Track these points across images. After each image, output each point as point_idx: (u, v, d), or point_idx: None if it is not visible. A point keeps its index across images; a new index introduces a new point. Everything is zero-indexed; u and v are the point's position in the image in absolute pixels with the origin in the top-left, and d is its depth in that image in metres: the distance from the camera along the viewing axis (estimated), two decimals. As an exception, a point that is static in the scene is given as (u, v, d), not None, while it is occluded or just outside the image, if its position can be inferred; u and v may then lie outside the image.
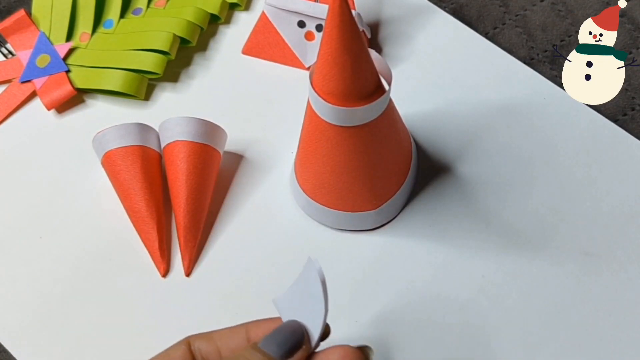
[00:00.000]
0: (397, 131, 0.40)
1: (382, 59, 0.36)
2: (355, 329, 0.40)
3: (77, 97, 0.49)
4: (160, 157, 0.45)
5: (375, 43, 0.50)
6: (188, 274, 0.43)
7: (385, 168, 0.40)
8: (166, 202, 0.44)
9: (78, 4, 0.51)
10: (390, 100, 0.38)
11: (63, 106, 0.49)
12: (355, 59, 0.33)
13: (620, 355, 0.40)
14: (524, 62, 0.49)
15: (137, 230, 0.43)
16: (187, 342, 0.30)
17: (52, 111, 0.49)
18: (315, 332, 0.28)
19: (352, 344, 0.29)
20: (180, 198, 0.42)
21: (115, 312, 0.42)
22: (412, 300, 0.41)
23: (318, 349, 0.29)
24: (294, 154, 0.44)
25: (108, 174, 0.44)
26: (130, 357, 0.40)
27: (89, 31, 0.50)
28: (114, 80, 0.47)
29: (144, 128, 0.44)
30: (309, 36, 0.48)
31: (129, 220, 0.43)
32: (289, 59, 0.49)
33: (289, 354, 0.27)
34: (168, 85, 0.50)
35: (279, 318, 0.30)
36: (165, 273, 0.43)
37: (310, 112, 0.37)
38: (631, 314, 0.41)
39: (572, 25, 0.50)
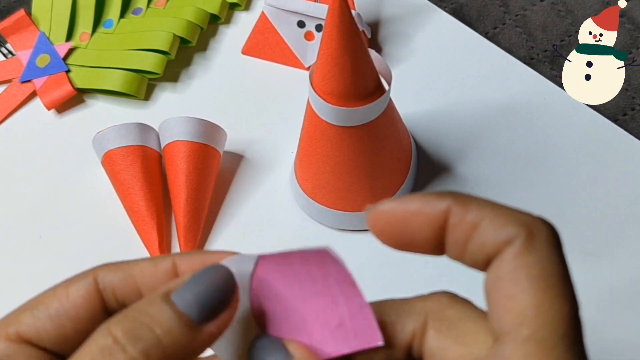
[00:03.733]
0: (397, 131, 0.40)
1: (382, 59, 0.36)
2: (355, 329, 0.40)
3: (77, 97, 0.49)
4: (160, 157, 0.45)
5: (375, 43, 0.50)
6: (188, 274, 0.43)
7: (385, 168, 0.40)
8: (166, 202, 0.44)
9: (78, 4, 0.51)
10: (390, 100, 0.38)
11: (63, 106, 0.49)
12: (355, 59, 0.33)
13: (621, 355, 0.40)
14: (524, 62, 0.49)
15: (137, 230, 0.43)
16: (94, 275, 0.21)
17: (52, 111, 0.49)
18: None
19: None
20: (180, 198, 0.42)
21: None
22: (412, 300, 0.41)
23: None
24: (294, 154, 0.44)
25: (108, 174, 0.44)
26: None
27: (89, 31, 0.50)
28: (114, 80, 0.47)
29: (144, 128, 0.44)
30: (308, 36, 0.48)
31: (129, 220, 0.43)
32: (289, 59, 0.49)
33: (211, 315, 0.19)
34: (168, 85, 0.50)
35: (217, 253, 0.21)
36: (165, 273, 0.42)
37: (310, 112, 0.37)
38: (631, 314, 0.41)
39: (572, 25, 0.50)
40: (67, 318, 0.20)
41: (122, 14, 0.51)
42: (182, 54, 0.50)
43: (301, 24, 0.48)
